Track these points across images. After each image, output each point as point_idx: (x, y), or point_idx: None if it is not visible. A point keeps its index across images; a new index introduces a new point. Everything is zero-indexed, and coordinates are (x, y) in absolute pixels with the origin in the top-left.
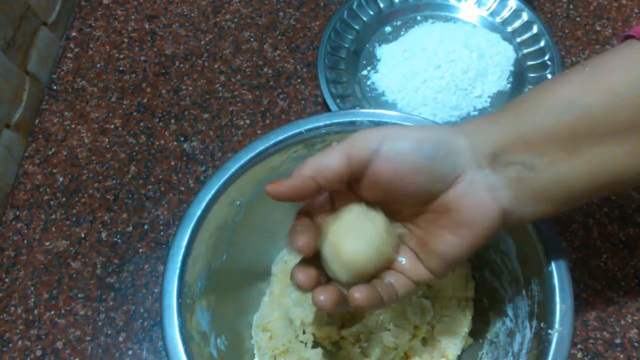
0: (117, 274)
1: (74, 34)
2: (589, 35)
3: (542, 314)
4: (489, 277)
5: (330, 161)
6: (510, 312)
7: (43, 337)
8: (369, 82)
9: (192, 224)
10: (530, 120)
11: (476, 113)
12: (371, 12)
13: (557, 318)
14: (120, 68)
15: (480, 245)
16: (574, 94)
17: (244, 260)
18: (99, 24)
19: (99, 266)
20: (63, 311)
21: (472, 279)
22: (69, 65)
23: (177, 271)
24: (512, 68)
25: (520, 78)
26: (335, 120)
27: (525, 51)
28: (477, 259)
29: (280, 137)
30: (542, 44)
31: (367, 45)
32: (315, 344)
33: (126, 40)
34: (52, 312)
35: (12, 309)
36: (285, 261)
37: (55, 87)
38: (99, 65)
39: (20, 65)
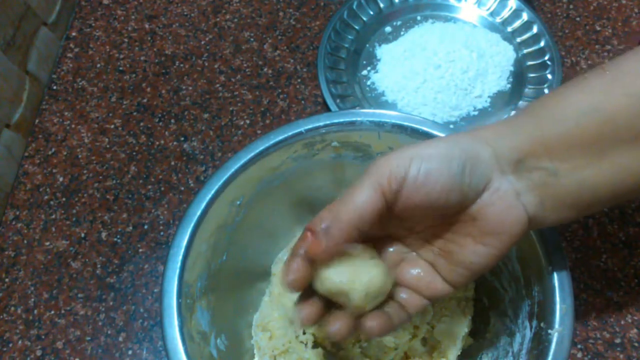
0: (117, 274)
1: (74, 34)
2: (589, 35)
3: (542, 314)
4: (489, 277)
5: (366, 203)
6: (510, 312)
7: (43, 337)
8: (369, 82)
9: (192, 224)
10: (552, 126)
11: (476, 113)
12: (371, 12)
13: (557, 318)
14: (120, 68)
15: (505, 253)
16: (596, 99)
17: (244, 260)
18: (99, 24)
19: (99, 266)
20: (63, 311)
21: None
22: (69, 65)
23: (177, 271)
24: (512, 68)
25: (520, 78)
26: (335, 120)
27: (525, 51)
28: None
29: (280, 137)
30: (542, 44)
31: (367, 45)
32: (316, 344)
33: (126, 40)
34: (52, 312)
35: (12, 309)
36: (285, 261)
37: (55, 87)
38: (99, 65)
39: (20, 65)
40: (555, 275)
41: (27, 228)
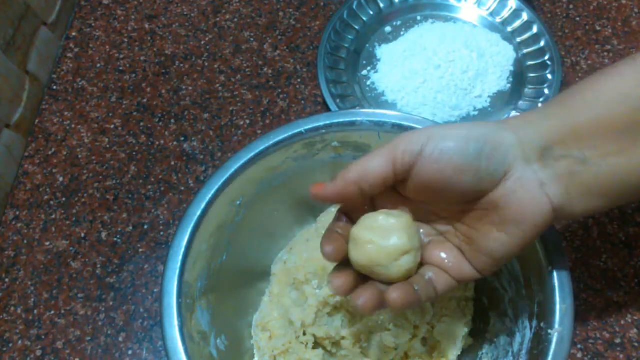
0: (117, 274)
1: (74, 34)
2: (589, 35)
3: (542, 314)
4: (489, 277)
5: (374, 166)
6: (510, 312)
7: (43, 337)
8: (369, 82)
9: (192, 224)
10: (582, 113)
11: (476, 113)
12: (371, 12)
13: (557, 318)
14: (120, 68)
15: (530, 243)
16: (628, 85)
17: (244, 260)
18: (99, 24)
19: (99, 266)
20: (63, 311)
21: None
22: (69, 65)
23: (177, 271)
24: (512, 68)
25: (520, 78)
26: (335, 120)
27: (525, 51)
28: None
29: (280, 137)
30: (542, 44)
31: (367, 45)
32: (316, 344)
33: (126, 40)
34: (52, 312)
35: (12, 309)
36: (284, 261)
37: (55, 87)
38: (99, 65)
39: (20, 65)
40: (555, 275)
41: (27, 228)
